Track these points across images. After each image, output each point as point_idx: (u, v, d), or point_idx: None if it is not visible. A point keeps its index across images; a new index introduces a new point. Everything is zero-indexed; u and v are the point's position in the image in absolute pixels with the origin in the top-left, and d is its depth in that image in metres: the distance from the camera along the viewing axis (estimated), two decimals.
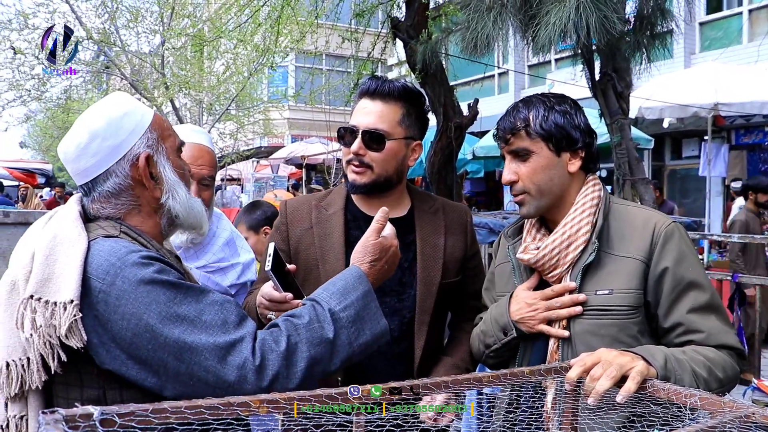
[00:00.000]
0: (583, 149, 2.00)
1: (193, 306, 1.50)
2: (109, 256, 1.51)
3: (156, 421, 1.14)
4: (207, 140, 2.64)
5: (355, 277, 1.71)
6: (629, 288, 1.88)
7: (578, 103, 2.08)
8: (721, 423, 1.29)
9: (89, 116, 1.67)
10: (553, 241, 1.96)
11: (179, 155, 1.80)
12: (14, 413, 1.52)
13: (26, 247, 1.60)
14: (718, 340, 1.85)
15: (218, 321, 1.50)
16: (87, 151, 1.64)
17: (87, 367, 1.51)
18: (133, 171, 1.66)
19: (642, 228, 1.93)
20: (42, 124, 27.84)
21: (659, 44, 4.88)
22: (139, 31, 16.04)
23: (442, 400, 1.96)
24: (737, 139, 14.45)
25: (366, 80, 2.28)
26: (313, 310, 1.61)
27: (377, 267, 1.79)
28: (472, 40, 4.37)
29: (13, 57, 13.81)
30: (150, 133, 1.70)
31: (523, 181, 2.00)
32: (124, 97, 1.74)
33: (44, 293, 1.47)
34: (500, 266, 2.23)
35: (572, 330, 1.92)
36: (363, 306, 1.65)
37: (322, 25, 9.58)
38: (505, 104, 10.77)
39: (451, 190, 6.87)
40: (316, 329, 1.57)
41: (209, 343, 1.46)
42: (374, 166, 2.17)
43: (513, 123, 2.01)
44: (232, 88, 17.25)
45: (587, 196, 1.99)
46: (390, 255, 1.83)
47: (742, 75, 9.92)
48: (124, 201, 1.68)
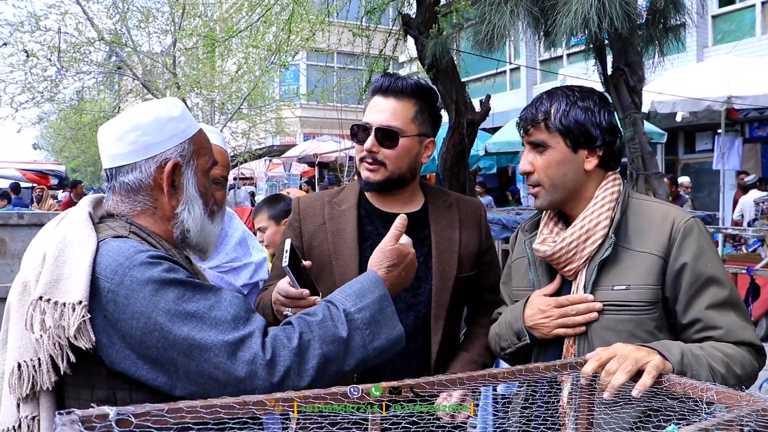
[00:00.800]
0: (602, 148, 1.98)
1: (203, 303, 1.50)
2: (117, 255, 1.51)
3: (171, 420, 1.15)
4: (220, 140, 2.65)
5: (371, 281, 1.70)
6: (646, 283, 1.87)
7: (606, 99, 2.05)
8: (738, 417, 1.28)
9: (141, 108, 1.70)
10: (571, 235, 1.95)
11: (208, 176, 1.81)
12: (26, 414, 1.53)
13: (37, 248, 1.61)
14: (736, 337, 1.83)
15: (228, 317, 1.50)
16: (125, 138, 1.66)
17: (96, 368, 1.52)
18: (157, 173, 1.68)
19: (660, 223, 1.92)
20: (55, 125, 27.97)
21: (672, 37, 4.84)
22: (151, 31, 16.14)
23: (459, 396, 1.96)
24: (751, 132, 14.35)
25: (379, 78, 2.28)
26: (327, 310, 1.61)
27: (395, 273, 1.78)
28: (487, 34, 4.35)
29: (25, 59, 13.90)
30: (188, 145, 1.72)
31: (537, 173, 2.00)
32: (180, 104, 1.76)
33: (53, 294, 1.48)
34: (517, 261, 2.23)
35: (588, 326, 1.91)
36: (378, 310, 1.64)
37: (333, 23, 9.58)
38: (517, 100, 10.81)
39: (464, 186, 6.84)
40: (330, 327, 1.56)
41: (219, 340, 1.46)
42: (387, 164, 2.17)
43: (534, 114, 2.00)
44: (244, 87, 17.30)
45: (606, 191, 1.98)
46: (408, 263, 1.82)
47: (756, 68, 9.83)
48: (140, 199, 1.69)
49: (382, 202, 2.27)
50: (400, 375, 1.81)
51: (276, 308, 1.99)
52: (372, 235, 2.23)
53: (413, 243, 2.20)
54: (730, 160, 11.71)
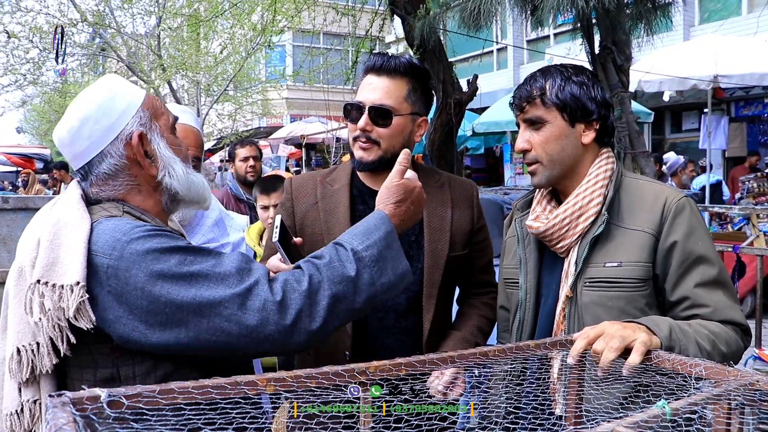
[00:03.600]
0: (598, 121, 1.99)
1: (206, 262, 1.52)
2: (114, 232, 1.51)
3: (164, 402, 1.14)
4: (193, 120, 2.65)
5: (377, 219, 1.70)
6: (638, 260, 1.88)
7: (596, 76, 2.06)
8: (726, 391, 1.30)
9: (80, 101, 1.68)
10: (565, 211, 1.96)
11: (174, 132, 1.80)
12: (27, 398, 1.54)
13: (32, 233, 1.60)
14: (723, 316, 1.84)
15: (233, 270, 1.52)
16: (80, 135, 1.64)
17: (99, 347, 1.53)
18: (127, 150, 1.67)
19: (653, 202, 1.93)
20: (38, 108, 27.76)
21: (660, 15, 4.84)
22: (134, 12, 15.94)
23: (451, 374, 1.97)
24: (737, 111, 14.42)
25: (372, 57, 2.27)
26: (335, 251, 1.62)
27: (402, 208, 1.77)
28: (473, 11, 4.33)
29: (6, 41, 13.73)
30: (142, 112, 1.70)
31: (535, 150, 1.99)
32: (114, 79, 1.74)
33: (50, 277, 1.48)
34: (509, 239, 2.24)
35: (580, 301, 1.92)
36: (385, 246, 1.65)
37: (319, 4, 9.51)
38: (504, 80, 10.77)
39: (452, 166, 6.85)
40: (337, 267, 1.57)
41: (228, 294, 1.48)
42: (381, 142, 2.17)
43: (529, 91, 2.00)
44: (230, 69, 17.18)
45: (600, 168, 1.99)
46: (415, 196, 1.80)
47: (742, 46, 9.84)
48: (121, 181, 1.68)
49: (375, 182, 2.27)
50: (392, 353, 1.82)
51: None
52: (364, 214, 2.21)
53: None
54: (717, 139, 11.75)
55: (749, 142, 14.00)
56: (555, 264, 2.04)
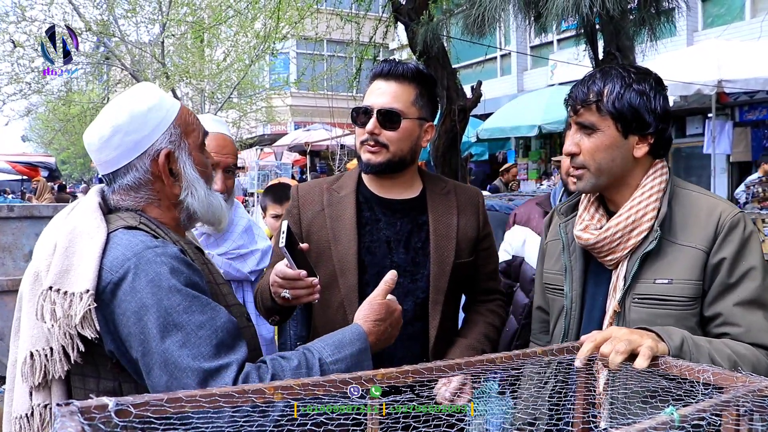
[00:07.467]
0: (654, 135, 1.89)
1: (195, 317, 1.47)
2: (125, 250, 1.51)
3: (171, 410, 1.14)
4: (225, 128, 2.75)
5: (354, 334, 1.65)
6: (689, 278, 1.81)
7: (662, 81, 1.95)
8: (734, 398, 1.29)
9: (114, 108, 1.66)
10: (617, 225, 1.88)
11: (202, 150, 1.79)
12: (38, 402, 1.54)
13: (49, 238, 1.61)
14: (755, 338, 1.77)
15: (213, 341, 1.46)
16: (109, 144, 1.63)
17: (103, 359, 1.53)
18: (153, 166, 1.66)
19: (707, 217, 1.85)
20: (43, 117, 27.78)
21: (664, 20, 4.84)
22: (138, 20, 15.99)
23: (458, 382, 1.97)
24: (741, 115, 14.37)
25: (379, 63, 2.29)
26: (303, 356, 1.55)
27: (381, 328, 1.71)
28: (477, 17, 4.33)
29: (12, 50, 13.77)
30: (173, 129, 1.69)
31: (584, 156, 1.91)
32: (151, 89, 1.72)
33: (63, 284, 1.48)
34: (551, 243, 2.18)
35: (628, 317, 1.85)
36: (355, 363, 1.58)
37: (322, 11, 9.54)
38: (507, 86, 10.81)
39: (456, 172, 6.84)
40: (302, 375, 1.50)
41: (195, 366, 1.42)
42: (389, 146, 2.18)
43: (585, 94, 1.89)
44: (234, 76, 17.22)
45: (655, 180, 1.91)
46: (395, 318, 1.77)
47: (746, 51, 9.82)
48: (143, 195, 1.68)
49: (381, 188, 2.27)
50: (398, 360, 1.82)
51: (273, 290, 1.98)
52: (370, 221, 2.24)
53: (412, 229, 2.20)
54: (721, 144, 11.74)
55: (754, 146, 13.94)
56: (601, 275, 1.98)
